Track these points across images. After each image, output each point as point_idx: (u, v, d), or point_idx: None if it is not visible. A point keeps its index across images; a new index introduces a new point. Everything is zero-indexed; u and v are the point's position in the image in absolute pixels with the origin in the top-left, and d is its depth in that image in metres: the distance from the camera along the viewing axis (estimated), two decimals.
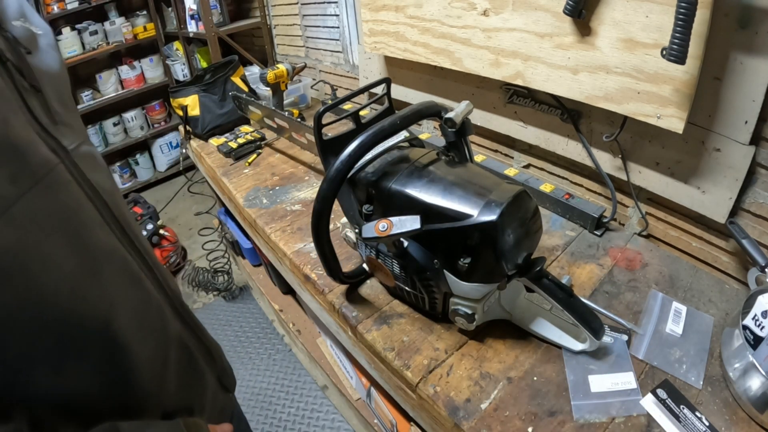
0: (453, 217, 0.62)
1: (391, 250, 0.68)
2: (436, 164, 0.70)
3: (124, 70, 2.76)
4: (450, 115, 0.71)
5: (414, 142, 0.82)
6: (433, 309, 0.74)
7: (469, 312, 0.67)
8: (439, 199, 0.64)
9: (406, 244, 0.67)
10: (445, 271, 0.66)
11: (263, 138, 1.52)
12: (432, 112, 0.72)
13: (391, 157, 0.74)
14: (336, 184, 0.64)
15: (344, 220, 0.85)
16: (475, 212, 0.60)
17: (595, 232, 0.97)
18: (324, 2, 1.76)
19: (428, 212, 0.63)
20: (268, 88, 1.57)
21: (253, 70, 2.11)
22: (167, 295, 0.50)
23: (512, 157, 1.26)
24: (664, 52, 0.68)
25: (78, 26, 2.52)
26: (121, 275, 0.43)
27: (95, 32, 2.56)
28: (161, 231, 2.14)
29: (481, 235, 0.60)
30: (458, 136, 0.73)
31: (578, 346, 0.69)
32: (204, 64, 2.62)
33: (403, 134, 0.78)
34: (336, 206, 0.69)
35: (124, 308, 0.42)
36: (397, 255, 0.68)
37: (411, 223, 0.60)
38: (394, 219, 0.61)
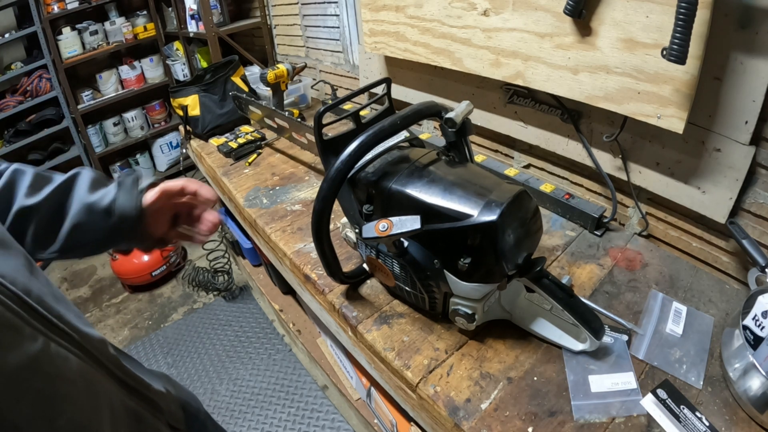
0: (453, 217, 0.62)
1: (392, 250, 0.68)
2: (437, 164, 0.70)
3: (125, 70, 2.75)
4: (450, 115, 0.71)
5: (414, 142, 0.82)
6: (434, 309, 0.74)
7: (470, 312, 0.67)
8: (440, 199, 0.63)
9: (406, 244, 0.67)
10: (445, 271, 0.65)
11: (263, 138, 1.52)
12: (432, 112, 0.72)
13: (391, 157, 0.74)
14: (336, 183, 0.64)
15: (344, 220, 0.85)
16: (475, 212, 0.60)
17: (596, 232, 0.97)
18: (324, 2, 1.76)
19: (428, 212, 0.63)
20: (269, 88, 1.57)
21: (254, 70, 2.12)
22: (100, 363, 0.46)
23: (512, 157, 1.26)
24: (665, 52, 0.68)
25: (78, 26, 2.52)
26: (49, 374, 0.38)
27: (95, 32, 2.56)
28: None
29: (481, 235, 0.60)
30: (458, 136, 0.73)
31: (578, 346, 0.69)
32: (204, 64, 2.62)
33: (403, 134, 0.78)
34: (336, 206, 0.69)
35: (55, 396, 0.38)
36: (398, 255, 0.68)
37: (411, 223, 0.60)
38: (394, 219, 0.61)
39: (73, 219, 0.54)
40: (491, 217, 0.59)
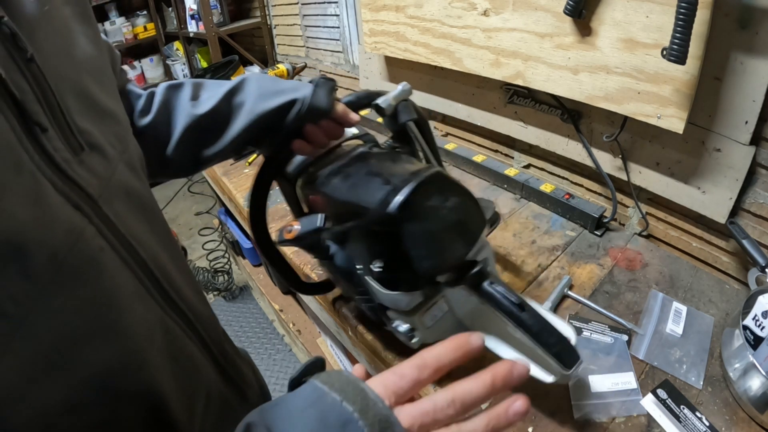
0: (356, 213, 0.51)
1: (317, 255, 0.59)
2: (362, 157, 0.60)
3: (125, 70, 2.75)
4: (378, 100, 0.59)
5: (366, 137, 0.71)
6: (384, 324, 0.61)
7: (406, 327, 0.55)
8: (346, 194, 0.54)
9: (332, 248, 0.58)
10: (366, 278, 0.54)
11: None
12: (365, 102, 0.61)
13: (329, 159, 0.64)
14: (258, 181, 0.60)
15: None
16: (374, 205, 0.48)
17: (596, 232, 0.97)
18: (324, 2, 1.76)
19: (339, 210, 0.55)
20: None
21: (254, 70, 2.11)
22: (206, 346, 0.44)
23: (512, 157, 1.26)
24: (665, 53, 0.68)
25: None
26: (160, 349, 0.36)
27: None
28: None
29: (384, 232, 0.49)
30: (395, 123, 0.62)
31: (547, 377, 0.53)
32: (204, 64, 2.62)
33: (351, 131, 0.67)
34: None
35: (161, 374, 0.37)
36: (325, 261, 0.60)
37: (311, 223, 0.54)
38: (301, 220, 0.56)
39: (251, 117, 0.55)
40: (388, 208, 0.46)
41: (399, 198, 0.46)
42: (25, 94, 0.26)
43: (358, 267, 0.55)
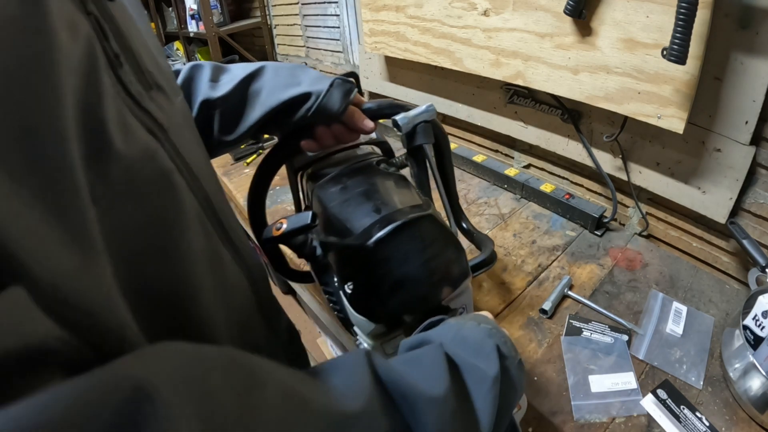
0: (341, 231, 0.50)
1: (303, 255, 0.58)
2: (363, 171, 0.59)
3: None
4: (398, 116, 0.57)
5: (383, 146, 0.70)
6: (353, 335, 0.59)
7: (367, 347, 0.54)
8: (336, 208, 0.53)
9: (319, 251, 0.57)
10: (341, 292, 0.53)
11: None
12: (386, 113, 0.59)
13: (337, 158, 0.64)
14: (265, 164, 0.63)
15: None
16: (356, 231, 0.48)
17: (596, 232, 0.97)
18: (324, 2, 1.76)
19: (329, 222, 0.53)
20: None
21: None
22: (251, 279, 0.45)
23: (513, 157, 1.26)
24: (665, 53, 0.68)
25: None
26: (213, 277, 0.37)
27: None
28: None
29: (357, 259, 0.48)
30: (411, 143, 0.59)
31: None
32: None
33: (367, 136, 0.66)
34: None
35: (211, 303, 0.36)
36: (307, 257, 0.58)
37: (298, 221, 0.53)
38: (289, 218, 0.54)
39: (264, 109, 0.55)
40: (366, 240, 0.46)
41: (378, 234, 0.46)
42: (107, 31, 0.29)
43: (335, 279, 0.54)
